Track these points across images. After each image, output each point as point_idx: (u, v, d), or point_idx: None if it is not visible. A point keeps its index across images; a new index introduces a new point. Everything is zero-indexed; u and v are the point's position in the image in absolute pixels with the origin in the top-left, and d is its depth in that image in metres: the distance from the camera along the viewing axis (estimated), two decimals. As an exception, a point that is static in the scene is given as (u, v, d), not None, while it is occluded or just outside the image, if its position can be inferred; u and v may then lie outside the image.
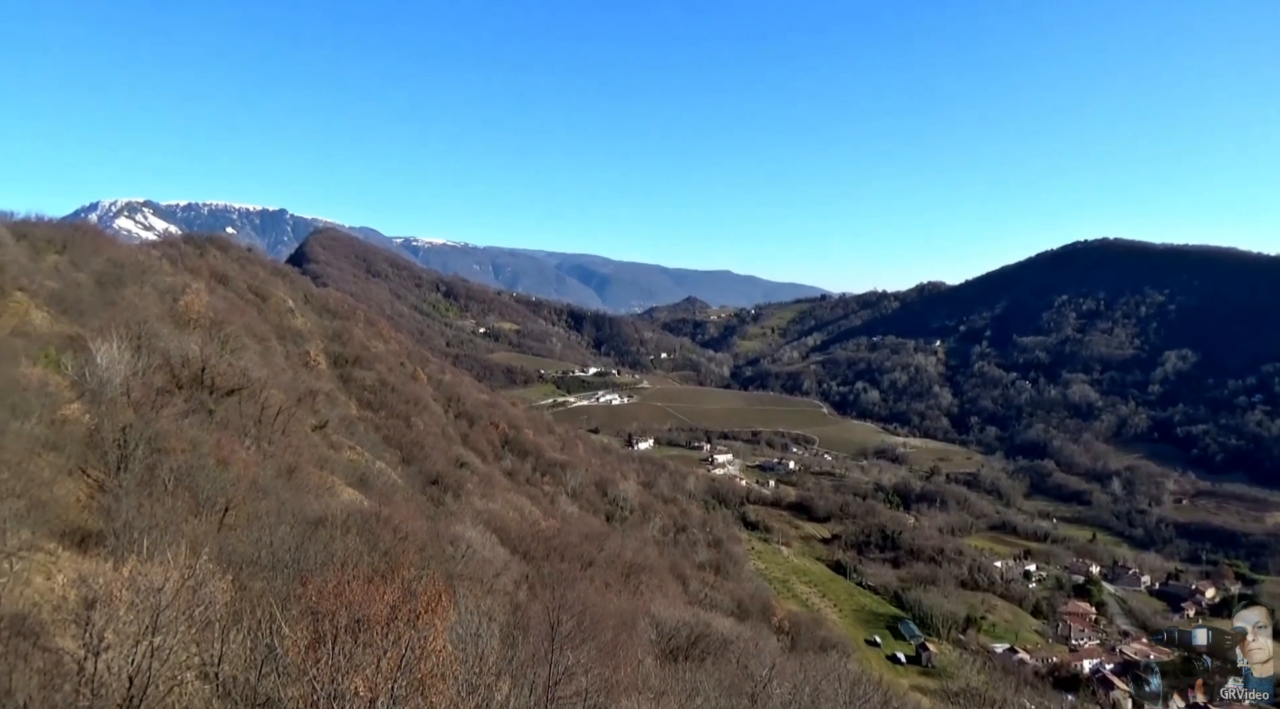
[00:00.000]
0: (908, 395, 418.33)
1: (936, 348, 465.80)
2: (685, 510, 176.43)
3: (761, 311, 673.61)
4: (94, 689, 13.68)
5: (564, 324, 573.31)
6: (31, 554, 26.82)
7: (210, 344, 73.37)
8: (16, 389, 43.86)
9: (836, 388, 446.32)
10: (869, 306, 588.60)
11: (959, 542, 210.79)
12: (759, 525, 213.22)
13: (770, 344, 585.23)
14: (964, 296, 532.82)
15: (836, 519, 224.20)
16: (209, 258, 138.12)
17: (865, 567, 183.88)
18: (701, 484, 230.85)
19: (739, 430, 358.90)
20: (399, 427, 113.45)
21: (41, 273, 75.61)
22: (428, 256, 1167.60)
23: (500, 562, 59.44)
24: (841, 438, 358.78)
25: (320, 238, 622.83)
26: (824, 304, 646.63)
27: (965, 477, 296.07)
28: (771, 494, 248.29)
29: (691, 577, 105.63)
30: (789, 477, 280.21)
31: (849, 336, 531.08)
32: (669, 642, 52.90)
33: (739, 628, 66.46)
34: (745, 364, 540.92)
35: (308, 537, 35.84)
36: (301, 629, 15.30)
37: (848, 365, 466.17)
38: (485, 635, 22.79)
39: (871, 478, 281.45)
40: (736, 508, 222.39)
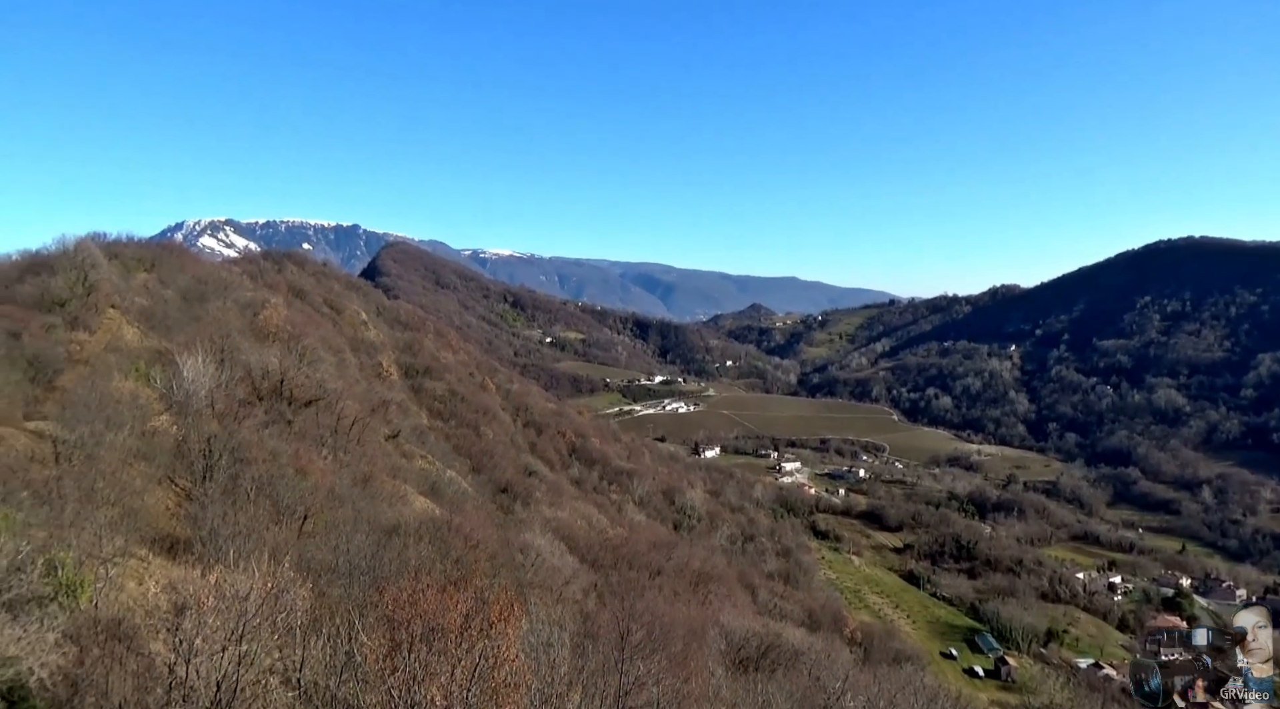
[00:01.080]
0: (981, 401, 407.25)
1: (1011, 352, 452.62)
2: (753, 519, 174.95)
3: (829, 318, 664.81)
4: (184, 694, 14.16)
5: (629, 333, 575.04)
6: (125, 560, 27.98)
7: (288, 357, 75.76)
8: (110, 402, 45.87)
9: (907, 394, 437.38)
10: (939, 311, 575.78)
11: (1038, 552, 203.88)
12: (829, 534, 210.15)
13: (838, 351, 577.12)
14: (1039, 299, 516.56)
15: (909, 528, 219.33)
16: (287, 273, 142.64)
17: (939, 577, 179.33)
18: (769, 492, 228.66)
19: (807, 438, 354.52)
20: (469, 436, 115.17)
21: (132, 291, 79.20)
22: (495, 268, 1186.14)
23: (569, 570, 59.72)
24: (912, 445, 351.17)
25: (391, 251, 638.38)
26: (893, 309, 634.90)
27: (1044, 485, 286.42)
28: (841, 502, 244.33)
29: (760, 586, 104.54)
30: (859, 485, 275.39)
31: (919, 342, 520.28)
32: (739, 652, 52.37)
33: (810, 639, 65.44)
34: (812, 371, 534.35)
35: (383, 544, 36.56)
36: (378, 637, 15.58)
37: (918, 371, 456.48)
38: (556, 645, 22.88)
39: (944, 486, 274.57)
40: (805, 516, 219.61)
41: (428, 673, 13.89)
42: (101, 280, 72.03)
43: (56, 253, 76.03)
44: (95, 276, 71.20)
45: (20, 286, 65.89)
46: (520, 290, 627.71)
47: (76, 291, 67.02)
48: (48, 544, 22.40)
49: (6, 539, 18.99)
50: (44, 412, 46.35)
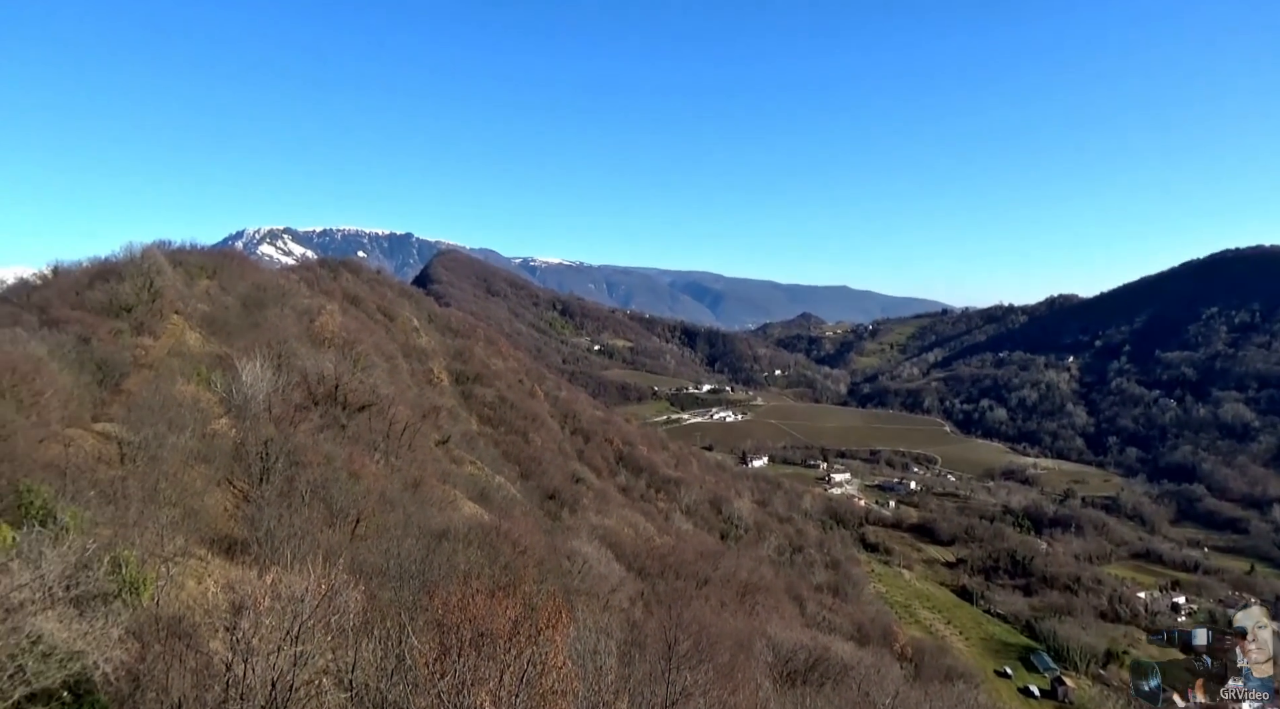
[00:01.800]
0: (1038, 414, 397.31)
1: (1069, 364, 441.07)
2: (801, 530, 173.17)
3: (880, 327, 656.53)
4: (241, 692, 14.47)
5: (677, 341, 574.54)
6: (185, 559, 28.75)
7: (343, 362, 77.23)
8: (173, 405, 47.25)
9: (960, 406, 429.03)
10: (994, 321, 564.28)
11: (1097, 570, 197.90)
12: (879, 547, 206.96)
13: (889, 360, 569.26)
14: (1099, 309, 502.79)
15: (961, 542, 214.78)
16: (342, 280, 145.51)
17: (993, 593, 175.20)
18: (818, 503, 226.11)
19: (857, 449, 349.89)
20: (517, 442, 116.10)
21: (194, 297, 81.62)
22: (544, 276, 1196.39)
23: (616, 578, 59.72)
24: (966, 458, 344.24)
25: (443, 259, 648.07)
26: (945, 319, 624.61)
27: (1103, 500, 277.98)
28: (892, 515, 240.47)
29: (809, 598, 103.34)
30: (910, 497, 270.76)
31: (973, 352, 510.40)
32: (786, 665, 51.78)
33: (859, 653, 64.45)
34: (863, 381, 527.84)
35: (433, 549, 36.97)
36: (428, 641, 15.74)
37: (972, 382, 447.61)
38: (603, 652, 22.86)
39: (999, 500, 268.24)
40: (855, 528, 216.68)
41: (476, 678, 13.98)
42: (166, 287, 74.39)
43: (124, 260, 78.82)
44: (160, 283, 73.53)
45: (90, 293, 68.43)
46: (569, 298, 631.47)
47: (142, 298, 69.33)
48: (113, 542, 23.11)
49: (75, 536, 19.62)
50: (111, 414, 47.97)
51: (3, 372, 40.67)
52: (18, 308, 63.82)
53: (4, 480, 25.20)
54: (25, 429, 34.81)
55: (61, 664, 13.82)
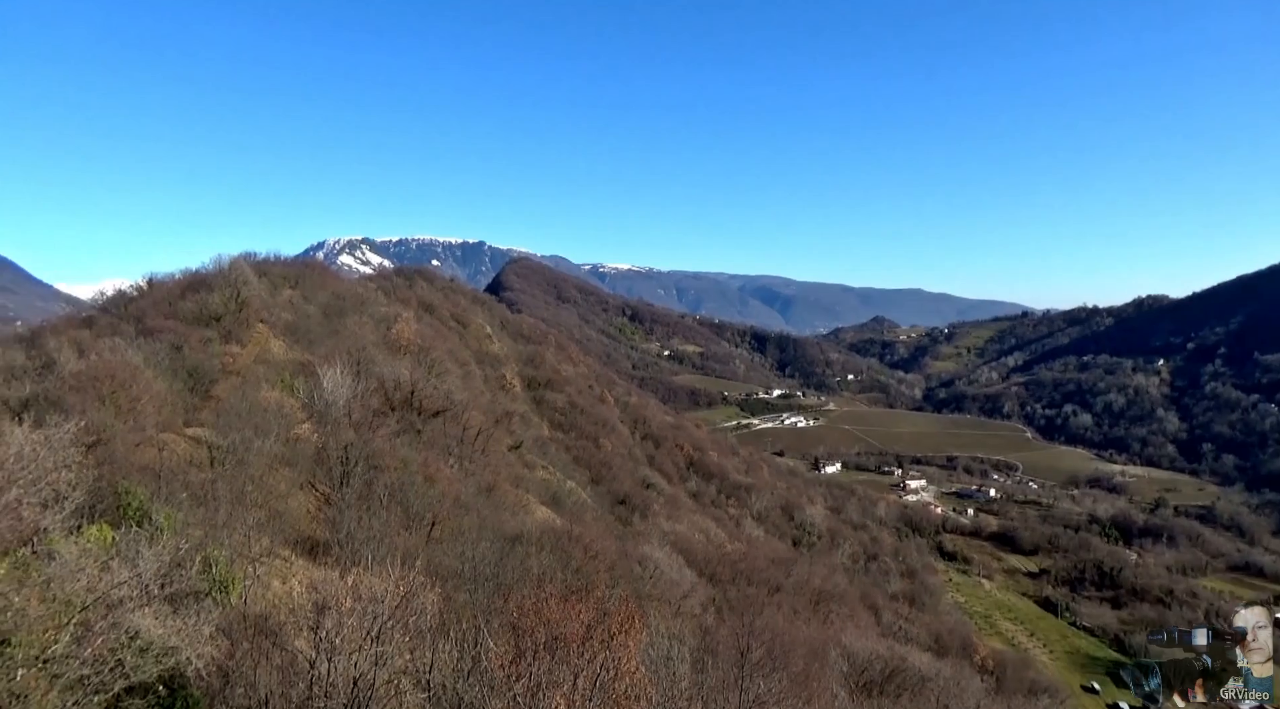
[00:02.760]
0: (1125, 419, 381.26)
1: (1159, 367, 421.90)
2: (876, 538, 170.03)
3: (956, 331, 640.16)
4: (325, 690, 14.87)
5: (747, 346, 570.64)
6: (271, 560, 29.75)
7: (418, 369, 78.96)
8: (258, 411, 49.05)
9: (1042, 411, 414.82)
10: (1078, 324, 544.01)
11: (1192, 583, 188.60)
12: (957, 556, 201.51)
13: (966, 365, 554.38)
14: (1191, 310, 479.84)
15: (1045, 552, 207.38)
16: (417, 289, 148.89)
17: (1079, 605, 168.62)
18: (893, 511, 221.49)
19: (933, 455, 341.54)
20: (588, 447, 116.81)
21: (278, 306, 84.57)
22: (614, 282, 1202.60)
23: (687, 583, 59.50)
24: (1048, 465, 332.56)
25: (515, 267, 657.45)
26: (1025, 321, 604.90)
27: (1198, 510, 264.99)
28: (970, 523, 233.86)
29: (884, 607, 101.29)
30: (989, 505, 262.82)
31: (1055, 356, 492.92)
32: (862, 675, 50.79)
33: (937, 664, 62.83)
34: (938, 386, 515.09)
35: (506, 552, 37.43)
36: (503, 643, 15.93)
37: (1054, 387, 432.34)
38: (676, 659, 22.75)
39: (1084, 509, 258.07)
40: (932, 537, 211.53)
41: (551, 681, 14.07)
42: (252, 297, 77.30)
43: (213, 272, 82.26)
44: (246, 293, 76.45)
45: (182, 303, 71.59)
46: (639, 304, 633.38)
47: (230, 308, 72.20)
48: (204, 542, 24.04)
49: (169, 537, 20.48)
50: (201, 419, 50.02)
51: (103, 379, 42.82)
52: (116, 318, 67.25)
53: (104, 482, 26.43)
54: (123, 433, 36.53)
55: (157, 659, 14.41)
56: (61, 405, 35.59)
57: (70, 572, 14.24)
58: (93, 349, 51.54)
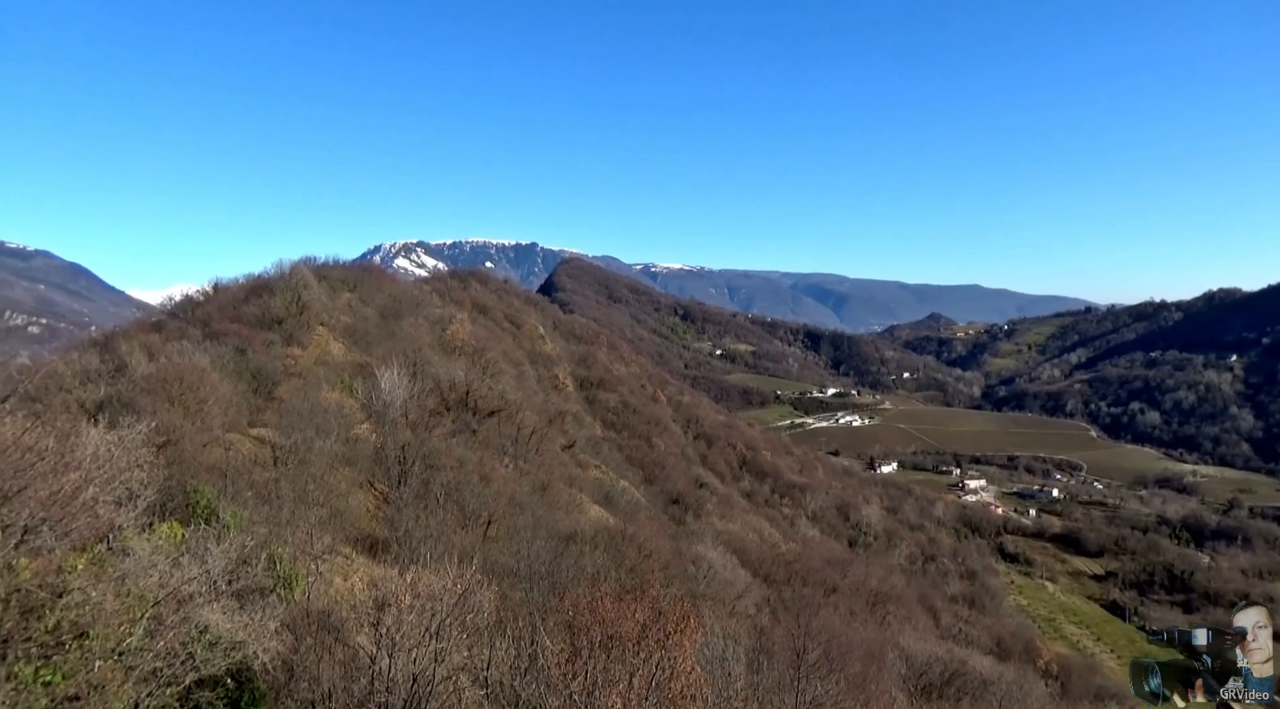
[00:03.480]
0: (1196, 417, 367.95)
1: (1232, 363, 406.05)
2: (934, 538, 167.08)
3: (1016, 327, 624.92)
4: (387, 685, 15.18)
5: (800, 344, 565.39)
6: (332, 557, 30.44)
7: (473, 369, 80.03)
8: (319, 411, 50.21)
9: (1107, 409, 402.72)
10: (1144, 319, 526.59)
11: (1269, 586, 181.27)
12: (1019, 558, 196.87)
13: (1026, 362, 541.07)
14: (1266, 304, 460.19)
15: (1111, 554, 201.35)
16: (471, 290, 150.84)
17: (1148, 609, 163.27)
18: (951, 511, 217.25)
19: (993, 454, 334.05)
20: (641, 447, 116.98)
21: (337, 309, 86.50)
22: (665, 281, 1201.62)
23: (741, 583, 59.24)
24: (1114, 464, 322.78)
25: (566, 267, 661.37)
26: (1089, 317, 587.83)
27: (1275, 511, 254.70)
28: (1032, 524, 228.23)
29: (943, 609, 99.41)
30: (1052, 505, 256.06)
31: (1120, 352, 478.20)
32: (921, 678, 49.92)
33: (999, 668, 61.45)
34: (998, 384, 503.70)
35: (561, 551, 37.69)
36: (559, 641, 16.04)
37: (1120, 384, 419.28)
38: (731, 659, 22.67)
39: (1153, 509, 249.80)
40: (992, 538, 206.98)
41: (607, 680, 14.12)
42: (312, 300, 79.24)
43: (275, 276, 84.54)
44: (307, 297, 78.38)
45: (246, 307, 73.71)
46: (690, 303, 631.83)
47: (291, 311, 74.07)
48: (268, 540, 24.71)
49: (235, 534, 21.09)
50: (265, 419, 51.43)
51: (172, 381, 44.27)
52: (184, 322, 69.50)
53: (174, 481, 27.33)
54: (191, 434, 37.72)
55: (225, 653, 14.84)
56: (133, 407, 36.90)
57: (143, 567, 14.75)
58: (162, 352, 53.33)
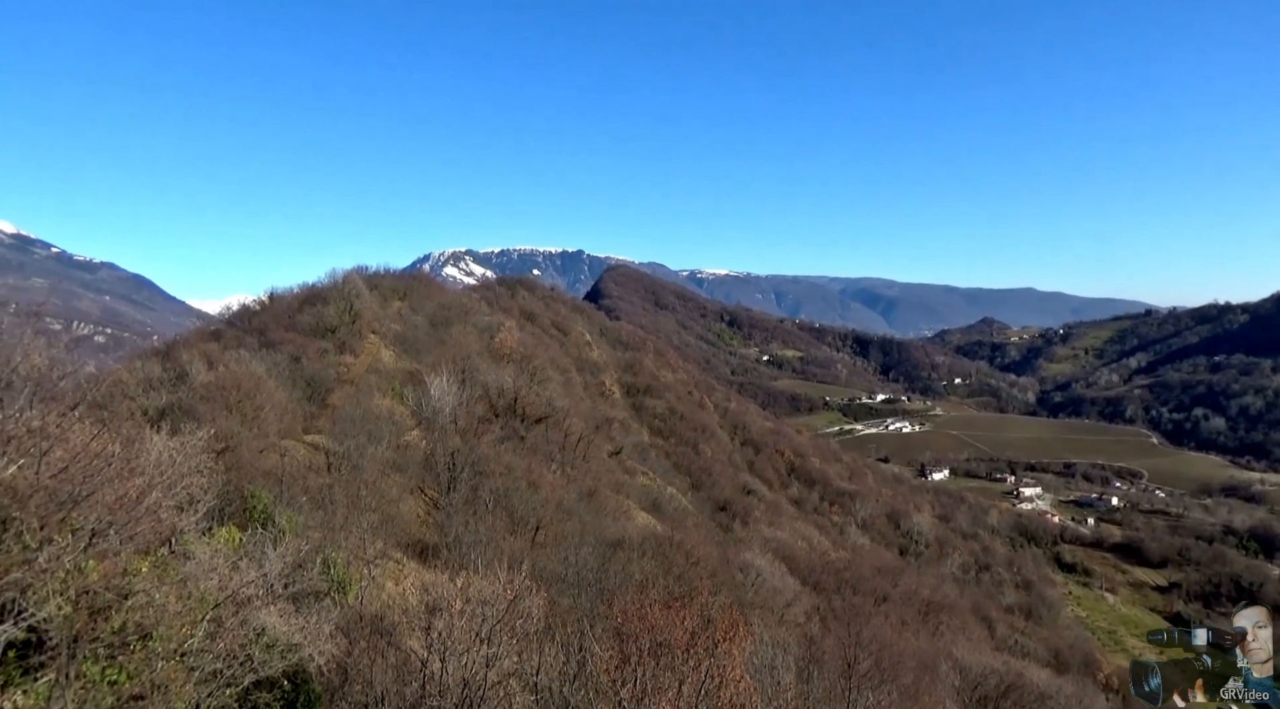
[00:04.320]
0: (1265, 423, 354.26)
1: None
2: (988, 547, 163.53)
3: (1071, 331, 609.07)
4: (439, 689, 15.35)
5: (849, 350, 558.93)
6: (384, 562, 30.88)
7: (521, 376, 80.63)
8: (371, 418, 51.06)
9: (1168, 415, 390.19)
10: (1208, 321, 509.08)
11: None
12: (1077, 568, 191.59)
13: (1083, 367, 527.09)
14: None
15: (1174, 565, 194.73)
16: (518, 298, 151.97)
17: (1214, 622, 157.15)
18: (1006, 519, 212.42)
19: (1048, 462, 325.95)
20: (688, 453, 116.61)
21: (388, 317, 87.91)
22: (712, 287, 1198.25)
23: (790, 591, 58.65)
24: (1176, 472, 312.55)
25: (613, 274, 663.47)
26: (1149, 320, 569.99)
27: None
28: (1091, 533, 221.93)
29: (998, 620, 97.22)
30: (1111, 514, 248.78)
31: (1183, 356, 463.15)
32: (975, 690, 48.84)
33: (1057, 681, 59.78)
34: (1053, 389, 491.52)
35: (608, 557, 37.72)
36: (608, 648, 16.04)
37: (1182, 389, 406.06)
38: (781, 668, 22.43)
39: (1218, 519, 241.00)
40: (1049, 547, 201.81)
41: (656, 687, 14.08)
42: (364, 309, 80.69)
43: (328, 286, 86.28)
44: (359, 306, 79.83)
45: (300, 316, 75.34)
46: (737, 309, 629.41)
47: (344, 319, 75.53)
48: (323, 544, 25.18)
49: (291, 539, 21.52)
50: (318, 426, 52.43)
51: (230, 389, 45.41)
52: (241, 331, 71.22)
53: (232, 486, 28.00)
54: (248, 440, 38.62)
55: (282, 655, 15.15)
56: (194, 414, 37.92)
57: (204, 571, 15.13)
58: (220, 361, 54.70)
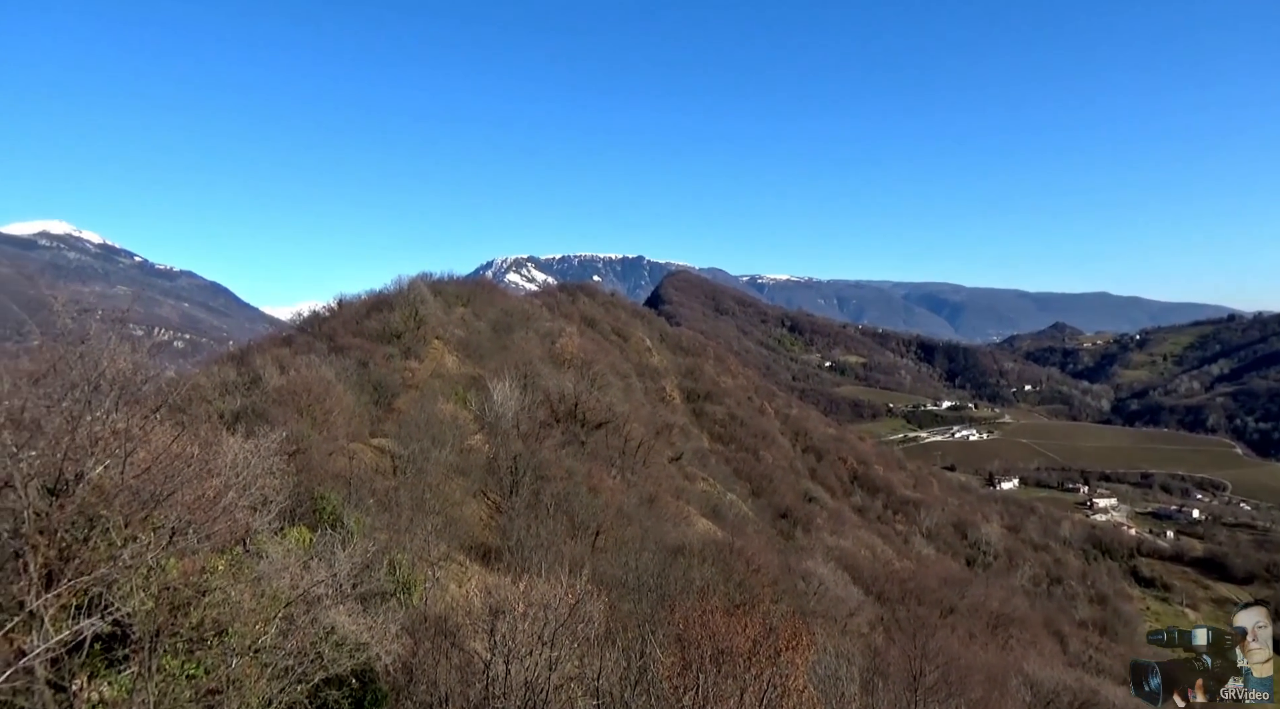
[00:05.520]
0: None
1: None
2: (1060, 559, 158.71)
3: (1149, 337, 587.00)
4: (503, 691, 15.51)
5: (913, 356, 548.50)
6: (448, 564, 31.36)
7: (581, 382, 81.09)
8: (435, 422, 51.92)
9: (1254, 424, 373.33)
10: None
11: None
12: (1155, 582, 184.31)
13: (1161, 374, 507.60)
14: None
15: (1262, 581, 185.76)
16: (579, 304, 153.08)
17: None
18: (1079, 531, 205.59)
19: (1124, 472, 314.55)
20: (748, 459, 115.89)
21: (452, 323, 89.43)
22: (772, 293, 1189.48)
23: (853, 601, 57.72)
24: (1263, 483, 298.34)
25: (673, 280, 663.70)
26: (1233, 326, 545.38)
27: None
28: (1170, 546, 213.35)
29: (1071, 635, 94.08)
30: (1192, 527, 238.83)
31: (1270, 363, 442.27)
32: (1047, 706, 47.38)
33: (1135, 699, 57.46)
34: (1129, 397, 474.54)
35: (669, 563, 37.64)
36: (670, 655, 16.00)
37: (1270, 397, 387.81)
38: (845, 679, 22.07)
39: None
40: (1125, 560, 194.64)
41: (718, 695, 13.98)
42: (428, 315, 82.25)
43: (394, 292, 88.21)
44: (424, 312, 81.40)
45: (367, 322, 77.17)
46: (798, 314, 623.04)
47: (409, 325, 77.09)
48: (389, 546, 25.68)
49: (359, 540, 22.02)
50: (385, 430, 53.56)
51: (301, 393, 46.72)
52: (311, 337, 73.28)
53: (303, 488, 28.76)
54: (318, 443, 39.65)
55: (350, 653, 15.49)
56: (267, 417, 39.10)
57: (276, 570, 15.57)
58: (292, 366, 56.32)
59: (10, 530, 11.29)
